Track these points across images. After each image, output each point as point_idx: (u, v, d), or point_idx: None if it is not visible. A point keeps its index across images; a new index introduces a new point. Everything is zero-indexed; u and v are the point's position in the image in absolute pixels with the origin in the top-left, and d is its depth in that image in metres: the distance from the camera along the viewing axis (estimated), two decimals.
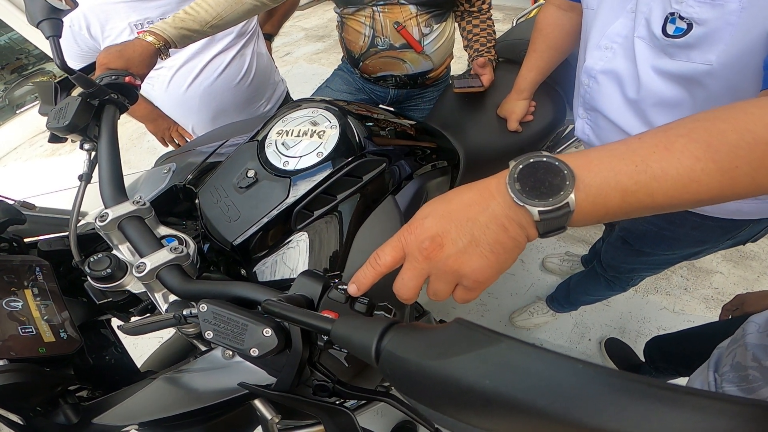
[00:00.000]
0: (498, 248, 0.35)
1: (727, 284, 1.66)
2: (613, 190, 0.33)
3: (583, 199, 0.33)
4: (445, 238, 0.36)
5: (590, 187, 0.33)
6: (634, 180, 0.33)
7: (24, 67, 3.86)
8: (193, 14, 0.82)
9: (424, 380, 0.23)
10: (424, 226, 0.37)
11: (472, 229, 0.36)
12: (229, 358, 0.50)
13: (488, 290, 1.76)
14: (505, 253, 0.36)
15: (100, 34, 1.05)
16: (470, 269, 0.36)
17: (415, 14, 1.08)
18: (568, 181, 0.33)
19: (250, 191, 0.62)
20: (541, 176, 0.33)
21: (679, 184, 0.32)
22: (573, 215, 0.34)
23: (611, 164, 0.34)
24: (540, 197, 0.33)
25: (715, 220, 0.74)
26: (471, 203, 0.37)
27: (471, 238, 0.36)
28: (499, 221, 0.35)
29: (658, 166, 0.33)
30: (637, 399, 0.17)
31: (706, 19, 0.50)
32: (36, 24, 0.61)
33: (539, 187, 0.33)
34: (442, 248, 0.36)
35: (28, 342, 0.43)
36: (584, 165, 0.34)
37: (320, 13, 4.76)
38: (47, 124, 0.61)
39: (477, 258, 0.36)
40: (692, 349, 1.04)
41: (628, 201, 0.33)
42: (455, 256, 0.36)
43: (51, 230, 0.61)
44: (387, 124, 0.77)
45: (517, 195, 0.34)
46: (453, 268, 0.36)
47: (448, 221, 0.36)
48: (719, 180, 0.32)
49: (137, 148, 3.09)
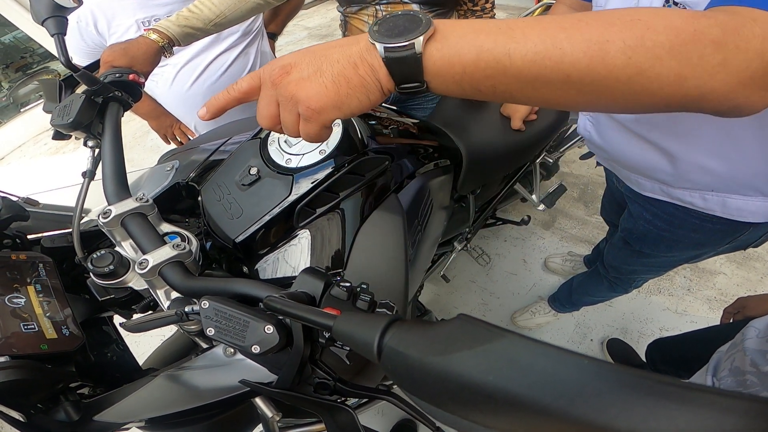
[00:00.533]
0: (341, 80, 0.36)
1: (730, 285, 1.65)
2: (468, 45, 0.33)
3: (435, 49, 0.34)
4: (294, 67, 0.38)
5: (445, 39, 0.34)
6: (491, 38, 0.33)
7: (29, 65, 3.88)
8: (196, 12, 0.82)
9: (426, 377, 0.23)
10: (282, 59, 0.39)
11: (321, 61, 0.37)
12: (230, 355, 0.50)
13: (490, 290, 1.76)
14: (348, 87, 0.36)
15: (106, 30, 1.06)
16: (305, 95, 0.37)
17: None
18: (422, 27, 0.34)
19: (252, 188, 0.62)
20: (401, 23, 0.35)
21: (540, 48, 0.32)
22: (427, 68, 0.35)
23: (477, 26, 0.34)
24: (390, 36, 0.34)
25: (716, 222, 0.74)
26: (336, 45, 0.38)
27: (317, 68, 0.37)
28: (351, 59, 0.36)
29: (521, 32, 0.32)
30: (644, 395, 0.17)
31: (697, 3, 0.50)
32: (41, 22, 0.61)
33: (394, 30, 0.34)
34: (288, 75, 0.38)
35: (30, 339, 0.43)
36: (448, 23, 0.35)
37: (323, 12, 4.77)
38: (51, 121, 0.61)
39: (315, 85, 0.36)
40: (693, 352, 1.04)
41: (484, 59, 0.33)
42: (296, 81, 0.37)
43: (54, 227, 0.61)
44: (390, 122, 0.77)
45: (373, 34, 0.35)
46: (292, 93, 0.37)
47: (303, 55, 0.38)
48: (585, 50, 0.31)
49: (141, 147, 3.10)
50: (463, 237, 1.34)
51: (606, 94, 0.33)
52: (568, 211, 2.03)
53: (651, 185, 0.79)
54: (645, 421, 0.16)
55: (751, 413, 0.15)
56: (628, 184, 0.86)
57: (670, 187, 0.75)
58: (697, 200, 0.72)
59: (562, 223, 1.99)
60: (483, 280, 1.79)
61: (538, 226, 1.98)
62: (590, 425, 0.17)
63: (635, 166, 0.77)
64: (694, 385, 0.17)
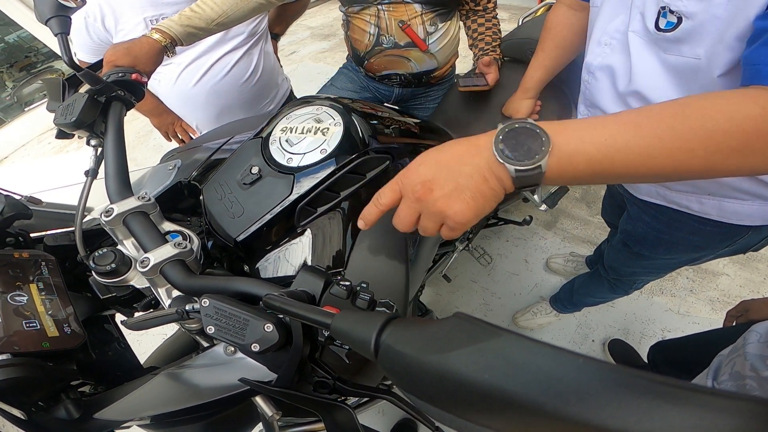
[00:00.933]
0: (478, 196, 0.42)
1: (733, 286, 1.64)
2: (580, 156, 0.39)
3: (555, 163, 0.39)
4: (434, 184, 0.42)
5: (562, 153, 0.39)
6: (600, 151, 0.39)
7: (33, 65, 3.90)
8: (199, 12, 0.82)
9: (422, 375, 0.23)
10: (417, 172, 0.44)
11: (458, 177, 0.42)
12: (230, 354, 0.50)
13: (492, 290, 1.76)
14: (483, 200, 0.42)
15: (113, 26, 1.06)
16: (453, 212, 0.42)
17: (420, 13, 1.08)
18: (545, 147, 0.38)
19: (253, 187, 0.62)
20: (522, 139, 0.39)
21: (639, 157, 0.38)
22: (545, 175, 0.40)
23: (583, 135, 0.39)
24: (518, 158, 0.39)
25: (714, 225, 0.73)
26: (461, 155, 0.43)
27: (456, 185, 0.42)
28: (481, 173, 0.41)
29: (623, 140, 0.38)
30: (639, 395, 0.17)
31: (693, 12, 0.51)
32: (44, 21, 0.61)
33: (519, 149, 0.39)
34: (432, 192, 0.42)
35: (32, 336, 0.43)
36: (561, 133, 0.39)
37: (326, 12, 4.77)
38: (55, 120, 0.61)
39: (460, 202, 0.42)
40: (695, 355, 1.04)
41: (592, 167, 0.39)
42: (442, 199, 0.42)
43: (57, 225, 0.62)
44: (391, 122, 0.77)
45: (500, 154, 0.40)
46: (439, 209, 0.43)
47: (438, 169, 0.43)
48: (676, 157, 0.37)
49: (144, 146, 3.11)
50: (464, 237, 1.34)
51: (680, 179, 0.41)
52: (570, 212, 2.02)
53: (647, 188, 0.79)
54: (639, 421, 0.16)
55: (746, 413, 0.15)
56: (626, 186, 0.86)
57: (667, 190, 0.74)
58: (694, 204, 0.72)
59: (564, 223, 1.98)
60: (484, 281, 1.79)
61: (540, 227, 1.98)
62: (585, 425, 0.17)
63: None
64: (690, 385, 0.17)
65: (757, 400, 0.16)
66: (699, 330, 1.52)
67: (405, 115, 0.86)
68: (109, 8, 1.04)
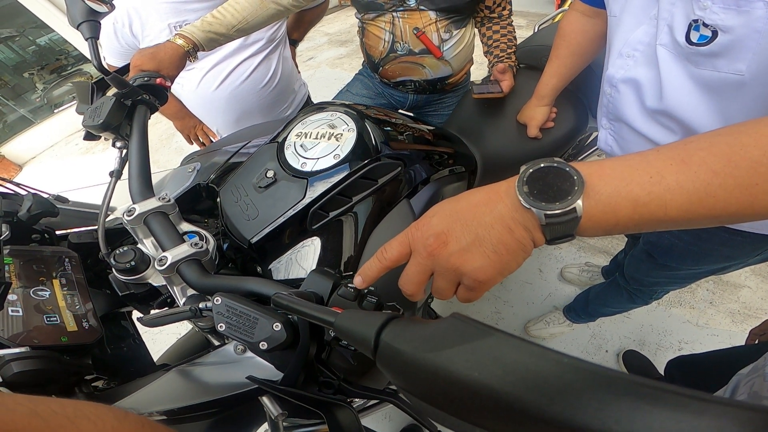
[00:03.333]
0: (501, 249, 0.36)
1: (755, 299, 1.59)
2: (624, 200, 0.33)
3: (592, 207, 0.33)
4: (449, 236, 0.37)
5: (600, 195, 0.33)
6: (647, 191, 0.32)
7: (63, 67, 4.05)
8: (220, 18, 0.85)
9: (417, 372, 0.24)
10: (430, 224, 0.38)
11: (477, 228, 0.36)
12: (240, 353, 0.51)
13: (504, 299, 1.74)
14: (508, 254, 0.36)
15: (140, 32, 1.10)
16: (471, 268, 0.36)
17: (434, 20, 1.09)
18: (577, 186, 0.32)
19: (268, 191, 0.63)
20: (551, 181, 0.33)
21: (694, 198, 0.31)
22: (581, 222, 0.33)
23: (624, 174, 0.33)
24: (547, 201, 0.33)
25: (746, 236, 0.71)
26: (479, 204, 0.37)
27: (475, 237, 0.36)
28: (504, 222, 0.35)
29: (674, 178, 0.32)
30: (620, 396, 0.17)
31: (731, 26, 0.48)
32: (76, 26, 0.64)
33: (547, 191, 0.33)
34: (446, 246, 0.37)
35: (51, 331, 0.45)
36: (596, 173, 0.34)
37: (343, 19, 4.83)
38: (83, 122, 0.64)
39: (479, 257, 0.36)
40: (713, 372, 1.01)
41: (639, 212, 0.33)
42: (458, 254, 0.36)
43: (81, 224, 0.64)
44: (405, 128, 0.78)
45: (525, 197, 0.34)
46: (455, 266, 0.37)
47: (454, 220, 0.37)
48: (737, 197, 0.31)
49: (166, 149, 3.20)
50: None
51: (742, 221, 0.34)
52: None
53: None
54: (619, 421, 0.17)
55: (724, 417, 0.15)
56: None
57: None
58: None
59: None
60: (497, 289, 1.77)
61: None
62: (567, 424, 0.17)
63: None
64: (673, 387, 0.17)
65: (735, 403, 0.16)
66: (717, 342, 1.48)
67: (418, 122, 0.86)
68: (137, 14, 1.08)
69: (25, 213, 0.54)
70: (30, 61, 3.95)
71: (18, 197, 0.57)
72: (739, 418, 0.15)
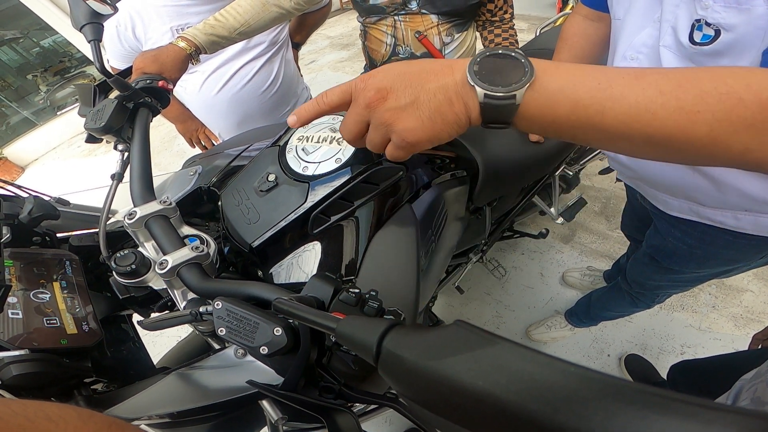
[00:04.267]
0: (437, 117, 0.37)
1: (758, 303, 1.58)
2: (565, 99, 0.34)
3: (533, 99, 0.34)
4: (390, 93, 0.37)
5: (544, 89, 0.34)
6: (590, 95, 0.33)
7: (66, 69, 4.07)
8: (222, 21, 0.85)
9: (420, 380, 0.23)
10: (375, 77, 0.39)
11: (419, 92, 0.37)
12: (241, 357, 0.51)
13: (505, 303, 1.73)
14: (442, 123, 0.37)
15: (143, 35, 1.11)
16: (403, 127, 0.37)
17: (436, 23, 1.09)
18: (526, 78, 0.33)
19: (269, 195, 0.63)
20: (502, 66, 0.34)
21: (633, 110, 0.32)
22: (519, 111, 0.35)
23: (575, 76, 0.34)
24: (491, 83, 0.34)
25: (750, 239, 0.71)
26: (429, 72, 0.37)
27: (414, 99, 0.37)
28: (447, 93, 0.36)
29: (620, 89, 0.32)
30: (627, 404, 0.17)
31: (733, 25, 0.48)
32: (79, 28, 0.64)
33: (495, 75, 0.34)
34: (384, 101, 0.38)
35: (51, 333, 0.45)
36: (549, 70, 0.35)
37: (345, 22, 4.85)
38: (85, 124, 0.64)
39: (413, 119, 0.37)
40: (716, 377, 1.00)
41: (577, 114, 0.34)
42: (393, 111, 0.37)
43: (82, 226, 0.64)
44: None
45: (472, 75, 0.35)
46: (388, 122, 0.38)
47: (399, 80, 0.38)
48: (676, 119, 0.31)
49: (168, 152, 3.21)
50: (478, 249, 1.33)
51: (675, 153, 0.34)
52: (588, 225, 1.99)
53: (679, 205, 0.76)
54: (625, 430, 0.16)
55: (734, 426, 0.15)
56: (654, 202, 0.84)
57: (700, 206, 0.72)
58: (729, 220, 0.70)
59: (582, 237, 1.94)
60: (498, 293, 1.77)
61: (556, 240, 1.95)
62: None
63: (667, 186, 0.74)
64: (681, 395, 0.17)
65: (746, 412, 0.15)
66: (720, 346, 1.47)
67: None
68: (139, 18, 1.09)
69: (26, 215, 0.54)
70: (33, 63, 3.98)
71: (19, 200, 0.57)
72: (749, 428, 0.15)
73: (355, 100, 0.40)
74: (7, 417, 0.21)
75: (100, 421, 0.26)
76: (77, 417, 0.24)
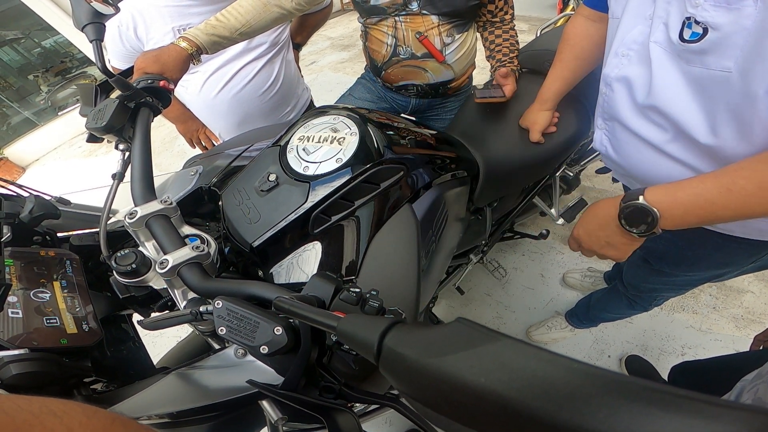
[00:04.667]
0: (622, 247, 0.65)
1: (758, 304, 1.58)
2: (688, 217, 0.55)
3: (664, 225, 0.56)
4: (583, 242, 0.70)
5: (672, 218, 0.56)
6: (701, 215, 0.54)
7: (68, 70, 4.08)
8: (223, 21, 0.85)
9: (421, 378, 0.23)
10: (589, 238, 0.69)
11: (607, 238, 0.65)
12: (241, 357, 0.51)
13: (505, 303, 1.73)
14: (624, 246, 0.65)
15: (144, 35, 1.11)
16: (610, 256, 0.67)
17: (437, 24, 1.09)
18: (655, 221, 0.56)
19: (270, 194, 0.63)
20: (638, 216, 0.58)
21: (736, 214, 0.52)
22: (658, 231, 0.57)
23: (687, 208, 0.55)
24: (637, 227, 0.59)
25: (739, 241, 0.71)
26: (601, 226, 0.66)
27: (606, 242, 0.66)
28: (617, 235, 0.63)
29: (722, 204, 0.52)
30: (631, 401, 0.17)
31: (720, 24, 0.49)
32: (81, 28, 0.64)
33: (638, 222, 0.58)
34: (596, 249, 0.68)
35: (51, 333, 0.45)
36: (668, 207, 0.55)
37: (345, 23, 4.86)
38: (86, 124, 0.64)
39: (612, 251, 0.66)
40: (717, 378, 1.00)
41: (698, 223, 0.55)
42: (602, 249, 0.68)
43: (83, 226, 0.64)
44: (407, 132, 0.78)
45: (626, 227, 0.60)
46: (599, 254, 0.69)
47: (590, 230, 0.68)
48: (761, 205, 0.50)
49: (168, 152, 3.21)
50: (479, 249, 1.33)
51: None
52: None
53: None
54: (630, 427, 0.16)
55: (738, 422, 0.15)
56: None
57: None
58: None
59: None
60: (498, 294, 1.77)
61: (557, 241, 1.94)
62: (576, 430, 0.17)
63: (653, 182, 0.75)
64: (684, 391, 0.16)
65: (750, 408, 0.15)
66: (720, 347, 1.47)
67: (421, 126, 0.86)
68: (141, 18, 1.09)
69: (26, 215, 0.54)
70: (35, 63, 3.98)
71: (20, 199, 0.57)
72: (754, 423, 0.15)
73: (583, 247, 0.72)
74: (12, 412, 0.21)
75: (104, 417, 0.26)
76: (81, 412, 0.24)
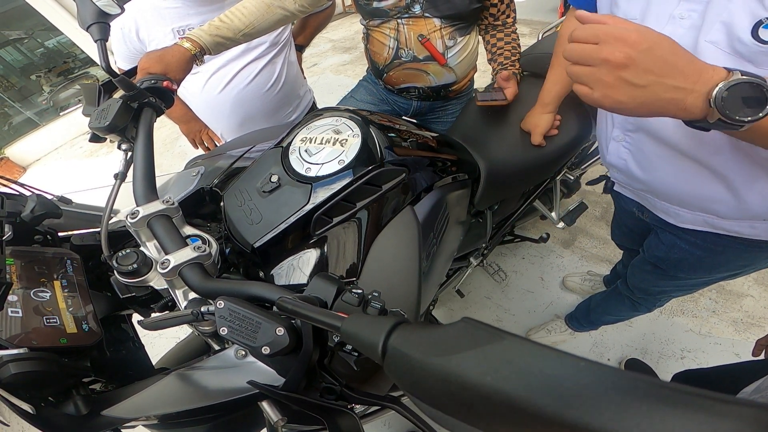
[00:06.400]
0: (653, 106, 0.40)
1: (758, 308, 1.58)
2: None
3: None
4: (631, 65, 0.39)
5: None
6: None
7: (70, 70, 4.08)
8: (227, 22, 0.86)
9: (427, 377, 0.23)
10: (628, 39, 0.40)
11: (654, 82, 0.39)
12: (241, 358, 0.50)
13: (505, 307, 1.73)
14: (652, 111, 0.41)
15: (146, 37, 1.12)
16: (614, 98, 0.41)
17: (439, 27, 1.09)
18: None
19: (272, 195, 0.63)
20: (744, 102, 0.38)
21: None
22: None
23: None
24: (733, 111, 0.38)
25: (764, 245, 0.71)
26: (675, 66, 0.40)
27: (646, 85, 0.39)
28: (679, 102, 0.40)
29: None
30: (639, 399, 0.17)
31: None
32: (86, 27, 0.65)
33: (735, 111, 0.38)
34: (621, 69, 0.40)
35: (50, 332, 0.44)
36: None
37: (347, 26, 4.87)
38: (89, 123, 0.64)
39: (628, 97, 0.40)
40: (718, 388, 1.00)
41: None
42: (620, 80, 0.40)
43: (84, 225, 0.64)
44: (408, 135, 0.78)
45: (718, 104, 0.38)
46: (607, 83, 0.41)
47: (645, 57, 0.39)
48: None
49: (170, 153, 3.21)
50: (479, 252, 1.33)
51: None
52: (589, 230, 1.98)
53: (693, 217, 0.75)
54: (639, 424, 0.16)
55: (746, 418, 0.15)
56: (662, 215, 0.82)
57: (716, 218, 0.71)
58: (746, 229, 0.70)
59: (583, 242, 1.94)
60: (498, 297, 1.77)
61: (557, 244, 1.94)
62: (584, 429, 0.17)
63: (681, 198, 0.73)
64: (691, 389, 0.16)
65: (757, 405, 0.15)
66: (720, 351, 1.47)
67: (422, 129, 0.86)
68: (143, 20, 1.10)
69: (28, 214, 0.54)
70: (37, 63, 3.99)
71: (22, 198, 0.57)
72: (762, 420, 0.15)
73: (600, 47, 0.41)
74: None
75: None
76: None
